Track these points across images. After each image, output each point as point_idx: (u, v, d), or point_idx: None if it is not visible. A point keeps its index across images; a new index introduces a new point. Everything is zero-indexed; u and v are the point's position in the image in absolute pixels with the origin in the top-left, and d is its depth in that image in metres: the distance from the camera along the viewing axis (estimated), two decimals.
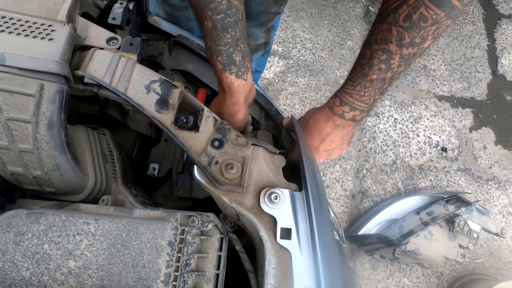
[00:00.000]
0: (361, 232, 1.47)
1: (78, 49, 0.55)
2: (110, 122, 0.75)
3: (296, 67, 1.82)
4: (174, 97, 0.50)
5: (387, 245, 1.40)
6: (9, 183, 0.49)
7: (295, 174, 0.52)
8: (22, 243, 0.37)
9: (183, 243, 0.40)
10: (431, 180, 1.69)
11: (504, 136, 1.83)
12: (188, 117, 0.48)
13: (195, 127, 0.48)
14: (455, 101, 1.88)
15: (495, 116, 1.88)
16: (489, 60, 1.99)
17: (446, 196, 1.47)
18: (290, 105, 1.74)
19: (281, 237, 0.42)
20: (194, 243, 0.42)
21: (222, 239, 0.43)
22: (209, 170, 0.45)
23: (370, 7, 2.07)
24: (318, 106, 0.65)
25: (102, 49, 0.54)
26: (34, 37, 0.48)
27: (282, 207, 0.44)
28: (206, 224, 0.43)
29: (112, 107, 0.72)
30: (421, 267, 1.51)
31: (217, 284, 0.40)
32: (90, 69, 0.51)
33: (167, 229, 0.40)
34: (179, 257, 0.40)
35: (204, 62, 0.86)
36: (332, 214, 0.82)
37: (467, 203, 1.41)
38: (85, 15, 0.64)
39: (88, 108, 0.72)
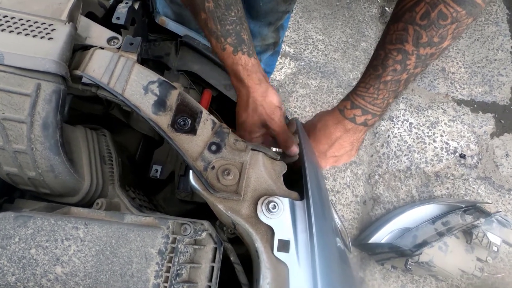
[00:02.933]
0: (371, 240, 1.41)
1: (80, 49, 0.54)
2: (114, 123, 0.75)
3: (307, 69, 1.79)
4: (172, 99, 0.48)
5: (399, 255, 1.34)
6: (8, 183, 0.49)
7: (296, 180, 0.49)
8: (8, 247, 0.36)
9: (174, 252, 0.38)
10: (447, 188, 1.61)
11: None
12: (185, 120, 0.47)
13: (192, 130, 0.46)
14: (476, 105, 1.79)
15: None
16: None
17: (463, 206, 1.39)
18: (301, 108, 1.70)
19: (278, 250, 0.40)
20: (187, 252, 0.40)
21: (216, 249, 0.40)
22: (204, 176, 0.43)
23: (386, 8, 2.01)
24: (329, 109, 0.61)
25: (102, 48, 0.53)
26: (34, 36, 0.47)
27: (280, 217, 0.41)
28: (200, 232, 0.40)
29: (116, 108, 0.71)
30: (435, 280, 1.43)
31: None
32: (89, 69, 0.50)
33: (158, 237, 0.38)
34: (169, 267, 0.38)
35: (210, 63, 0.84)
36: (339, 223, 0.78)
37: (486, 214, 1.33)
38: (90, 14, 0.64)
39: (91, 108, 0.71)
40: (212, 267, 0.39)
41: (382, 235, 1.42)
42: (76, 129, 0.53)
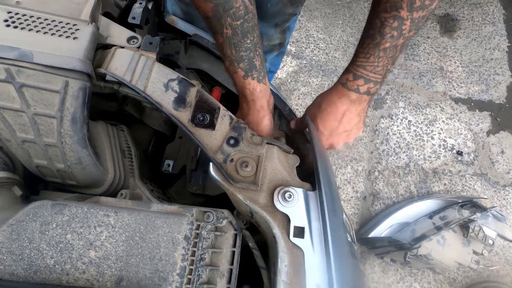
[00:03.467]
0: (371, 235, 1.46)
1: (100, 48, 0.57)
2: (127, 119, 0.77)
3: (309, 67, 1.82)
4: (191, 95, 0.51)
5: (398, 248, 1.38)
6: (34, 175, 0.51)
7: (307, 174, 0.52)
8: (47, 232, 0.39)
9: (198, 237, 0.41)
10: (445, 184, 1.65)
11: None
12: (204, 115, 0.49)
13: (211, 125, 0.49)
14: (472, 103, 1.83)
15: None
16: (509, 62, 1.93)
17: (460, 201, 1.44)
18: (303, 105, 1.73)
19: (294, 236, 0.43)
20: (209, 238, 0.43)
21: (236, 235, 0.43)
22: (224, 168, 0.46)
23: None
24: None
25: (123, 47, 0.55)
26: (59, 35, 0.50)
27: (295, 205, 0.44)
28: (221, 220, 0.44)
29: (130, 104, 0.74)
30: (433, 273, 1.48)
31: (230, 279, 0.41)
32: (112, 67, 0.52)
33: (183, 224, 0.41)
34: (194, 251, 0.41)
35: (218, 61, 0.87)
36: (344, 215, 0.81)
37: (482, 209, 1.37)
38: (107, 14, 0.66)
39: (107, 105, 0.74)
40: (233, 252, 0.42)
41: (382, 230, 1.46)
42: (98, 124, 0.56)
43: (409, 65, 1.90)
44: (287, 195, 0.44)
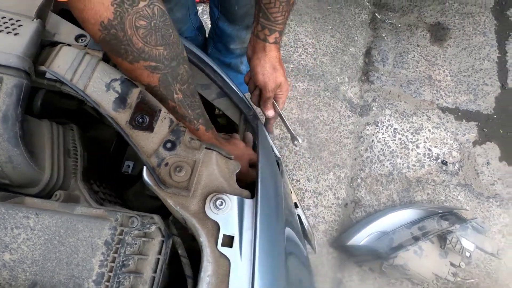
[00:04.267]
0: (350, 243, 1.44)
1: (48, 45, 0.56)
2: (91, 118, 0.76)
3: (296, 72, 1.81)
4: (133, 97, 0.50)
5: (375, 257, 1.37)
6: None
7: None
8: None
9: (120, 243, 0.40)
10: (428, 194, 1.64)
11: (509, 153, 1.75)
12: (144, 117, 0.48)
13: (150, 128, 0.48)
14: (460, 113, 1.82)
15: (501, 131, 1.81)
16: (498, 73, 1.92)
17: (441, 211, 1.42)
18: (287, 109, 1.72)
19: (223, 245, 0.41)
20: (135, 244, 0.42)
21: (163, 242, 0.42)
22: (157, 172, 0.45)
23: (376, 14, 2.04)
24: (316, 111, 0.74)
25: (70, 45, 0.54)
26: (0, 31, 0.49)
27: (227, 213, 0.43)
28: (148, 226, 0.42)
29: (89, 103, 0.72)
30: (411, 283, 1.46)
31: (152, 287, 0.39)
32: (54, 65, 0.51)
33: (105, 229, 0.40)
34: (115, 257, 0.39)
35: (190, 64, 0.86)
36: (306, 223, 0.80)
37: (462, 220, 1.36)
38: (63, 11, 0.65)
39: (66, 103, 0.73)
40: (158, 259, 0.41)
41: (361, 238, 1.44)
42: (42, 122, 0.55)
43: (397, 72, 1.89)
44: (218, 202, 0.43)
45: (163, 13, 0.48)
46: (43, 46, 0.56)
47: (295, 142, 0.82)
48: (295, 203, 0.80)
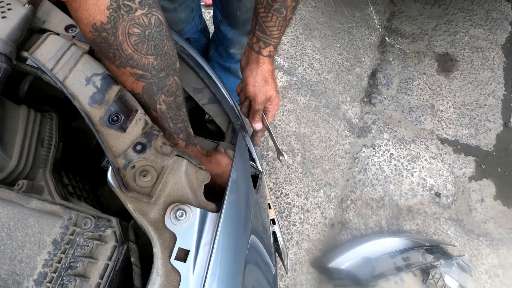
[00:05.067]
0: (332, 265, 1.41)
1: (38, 32, 0.55)
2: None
3: (299, 85, 1.80)
4: (111, 94, 0.49)
5: (355, 283, 1.33)
6: None
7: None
8: None
9: (70, 243, 0.39)
10: (417, 224, 1.60)
11: (505, 192, 1.72)
12: (119, 116, 0.47)
13: (123, 127, 0.47)
14: (459, 146, 1.79)
15: (499, 170, 1.78)
16: (502, 111, 1.90)
17: (427, 244, 1.39)
18: (285, 122, 1.71)
19: (176, 258, 0.40)
20: (87, 246, 0.40)
21: (115, 247, 0.40)
22: (122, 173, 0.43)
23: (386, 37, 2.04)
24: (314, 127, 0.74)
25: (58, 34, 0.54)
26: None
27: (187, 226, 0.41)
28: (103, 228, 0.41)
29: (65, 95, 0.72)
30: None
31: None
32: (38, 52, 0.51)
33: (56, 227, 0.38)
34: (62, 257, 0.38)
35: (183, 63, 0.85)
36: (281, 242, 0.78)
37: (448, 256, 1.32)
38: (60, 2, 0.65)
39: (55, 91, 0.72)
40: (107, 265, 0.39)
41: (343, 261, 1.41)
42: (19, 108, 0.54)
43: (400, 98, 1.88)
44: (179, 213, 0.41)
45: (160, 23, 0.48)
46: (32, 32, 0.56)
47: (281, 158, 0.80)
48: (273, 220, 0.78)
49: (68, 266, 0.38)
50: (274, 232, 0.77)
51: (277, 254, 0.79)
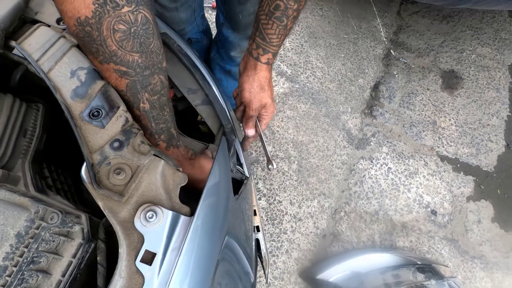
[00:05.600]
0: (320, 276, 1.38)
1: (30, 22, 0.56)
2: None
3: (300, 92, 1.80)
4: (95, 89, 0.48)
5: None
6: None
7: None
8: None
9: (34, 238, 0.38)
10: (411, 241, 1.57)
11: (504, 215, 1.69)
12: (100, 111, 0.47)
13: (102, 123, 0.46)
14: (459, 165, 1.77)
15: (498, 191, 1.74)
16: (505, 132, 1.87)
17: (419, 263, 1.36)
18: (284, 129, 1.70)
19: (142, 260, 0.39)
20: (53, 241, 0.39)
21: (81, 245, 0.39)
22: (96, 170, 0.43)
23: (391, 51, 2.03)
24: (312, 135, 0.74)
25: (49, 26, 0.54)
26: None
27: (156, 228, 0.40)
28: (71, 225, 0.40)
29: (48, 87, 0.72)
30: None
31: None
32: (26, 42, 0.50)
33: (21, 219, 0.38)
34: (24, 251, 0.37)
35: (180, 64, 0.85)
36: (264, 250, 0.76)
37: (439, 276, 1.29)
38: None
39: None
40: (71, 262, 0.38)
41: (332, 274, 1.38)
42: (5, 97, 0.54)
43: (402, 112, 1.86)
44: (149, 214, 0.40)
45: (147, 21, 0.47)
46: (25, 22, 0.56)
47: (270, 166, 0.79)
48: (257, 227, 0.76)
49: (31, 260, 0.37)
50: (257, 240, 0.76)
51: (259, 262, 0.78)
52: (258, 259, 0.77)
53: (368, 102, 1.87)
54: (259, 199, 1.54)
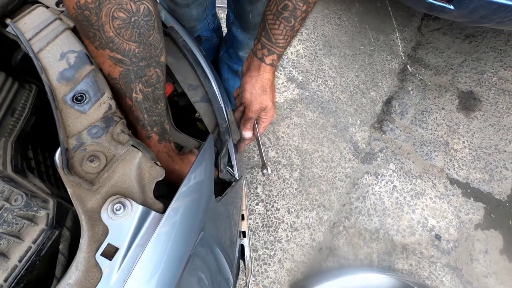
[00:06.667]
0: None
1: (31, 3, 0.56)
2: None
3: (309, 100, 1.77)
4: (82, 72, 0.47)
5: None
6: None
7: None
8: None
9: None
10: (411, 265, 1.50)
11: None
12: (83, 95, 0.45)
13: (84, 108, 0.45)
14: (469, 190, 1.69)
15: (510, 222, 1.65)
16: None
17: None
18: (289, 135, 1.67)
19: (102, 254, 0.37)
20: (16, 224, 0.38)
21: (44, 230, 0.38)
22: (69, 155, 0.41)
23: (408, 66, 1.97)
24: (317, 144, 0.73)
25: (48, 7, 0.54)
26: None
27: (123, 221, 0.38)
28: (35, 209, 0.38)
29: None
30: None
31: (8, 277, 0.35)
32: (22, 21, 0.50)
33: None
34: None
35: (184, 59, 0.84)
36: (248, 257, 0.73)
37: None
38: None
39: None
40: (30, 248, 0.37)
41: None
42: None
43: (413, 129, 1.79)
44: (116, 206, 0.38)
45: (150, 13, 0.47)
46: (26, 3, 0.56)
47: (264, 171, 0.77)
48: (244, 232, 0.73)
49: None
50: (242, 245, 0.73)
51: (244, 268, 0.75)
52: (242, 266, 0.74)
53: (378, 116, 1.82)
54: (257, 204, 1.51)
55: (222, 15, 1.89)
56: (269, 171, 0.76)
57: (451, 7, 1.44)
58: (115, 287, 0.35)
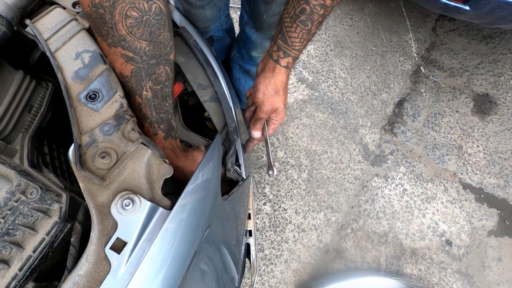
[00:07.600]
0: None
1: (49, 4, 0.58)
2: None
3: (319, 101, 1.76)
4: (96, 71, 0.49)
5: None
6: None
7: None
8: None
9: (12, 210, 0.38)
10: (420, 270, 1.48)
11: None
12: (97, 94, 0.47)
13: (97, 106, 0.46)
14: (483, 195, 1.64)
15: None
16: None
17: None
18: (298, 136, 1.67)
19: (111, 247, 0.38)
20: (32, 216, 0.40)
21: (57, 223, 0.40)
22: (82, 151, 0.43)
23: (421, 67, 1.93)
24: (326, 145, 0.74)
25: (64, 8, 0.56)
26: None
27: (132, 217, 0.40)
28: (49, 202, 0.40)
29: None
30: None
31: (25, 265, 0.37)
32: (40, 22, 0.52)
33: (2, 191, 0.38)
34: (1, 222, 0.37)
35: (195, 59, 0.85)
36: (253, 256, 0.74)
37: None
38: None
39: None
40: (43, 240, 0.38)
41: None
42: (16, 72, 0.56)
43: (426, 132, 1.76)
44: (126, 202, 0.40)
45: (161, 12, 0.48)
46: (44, 4, 0.58)
47: (270, 172, 0.77)
48: (250, 231, 0.74)
49: (6, 232, 0.38)
50: (248, 244, 0.74)
51: (250, 266, 0.76)
52: (247, 265, 0.75)
53: (389, 118, 1.79)
54: (264, 204, 1.52)
55: (233, 15, 1.90)
56: (275, 173, 0.76)
57: (467, 7, 1.41)
58: (123, 280, 0.36)
